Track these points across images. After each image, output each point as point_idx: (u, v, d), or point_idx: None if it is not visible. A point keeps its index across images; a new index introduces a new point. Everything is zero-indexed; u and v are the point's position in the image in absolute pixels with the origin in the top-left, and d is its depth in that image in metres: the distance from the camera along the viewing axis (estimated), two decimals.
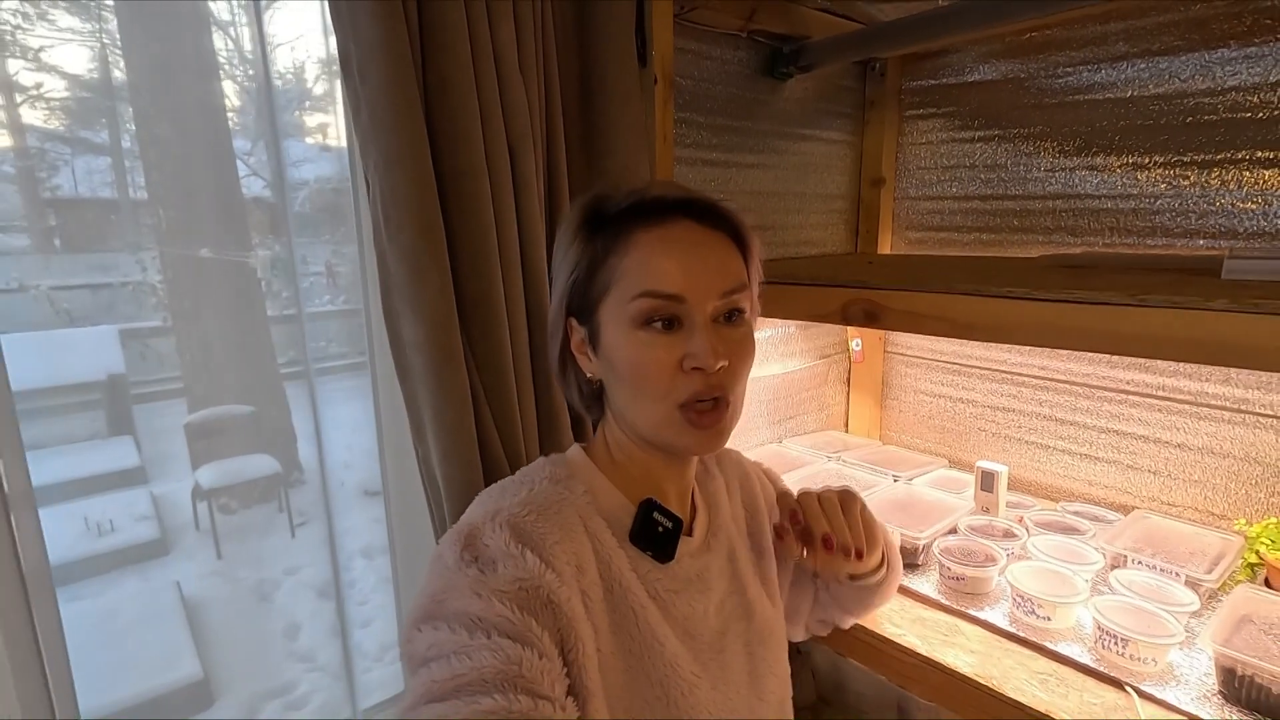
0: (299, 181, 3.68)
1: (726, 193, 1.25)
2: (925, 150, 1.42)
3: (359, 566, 3.11)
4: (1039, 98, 1.24)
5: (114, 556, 2.84)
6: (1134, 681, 0.78)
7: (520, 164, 0.84)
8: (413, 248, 0.75)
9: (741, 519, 0.76)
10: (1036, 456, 1.32)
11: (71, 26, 2.99)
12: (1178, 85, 1.09)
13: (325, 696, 2.46)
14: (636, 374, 0.59)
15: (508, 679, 0.47)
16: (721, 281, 0.60)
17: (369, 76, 0.73)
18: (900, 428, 1.54)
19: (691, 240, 0.60)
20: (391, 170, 0.74)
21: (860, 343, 1.50)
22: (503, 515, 0.57)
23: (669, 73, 1.03)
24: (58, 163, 3.19)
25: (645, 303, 0.58)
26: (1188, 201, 1.10)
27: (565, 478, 0.64)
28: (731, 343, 0.60)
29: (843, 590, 0.78)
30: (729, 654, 0.67)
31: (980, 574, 0.96)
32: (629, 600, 0.60)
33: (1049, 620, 0.87)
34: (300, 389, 3.68)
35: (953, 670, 0.82)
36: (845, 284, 0.88)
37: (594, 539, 0.61)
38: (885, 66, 1.41)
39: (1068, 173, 1.22)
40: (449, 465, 0.80)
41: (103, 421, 3.47)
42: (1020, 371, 1.32)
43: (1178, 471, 1.14)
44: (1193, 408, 1.12)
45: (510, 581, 0.53)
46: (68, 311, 3.41)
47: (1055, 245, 1.25)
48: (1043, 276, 0.86)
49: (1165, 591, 0.89)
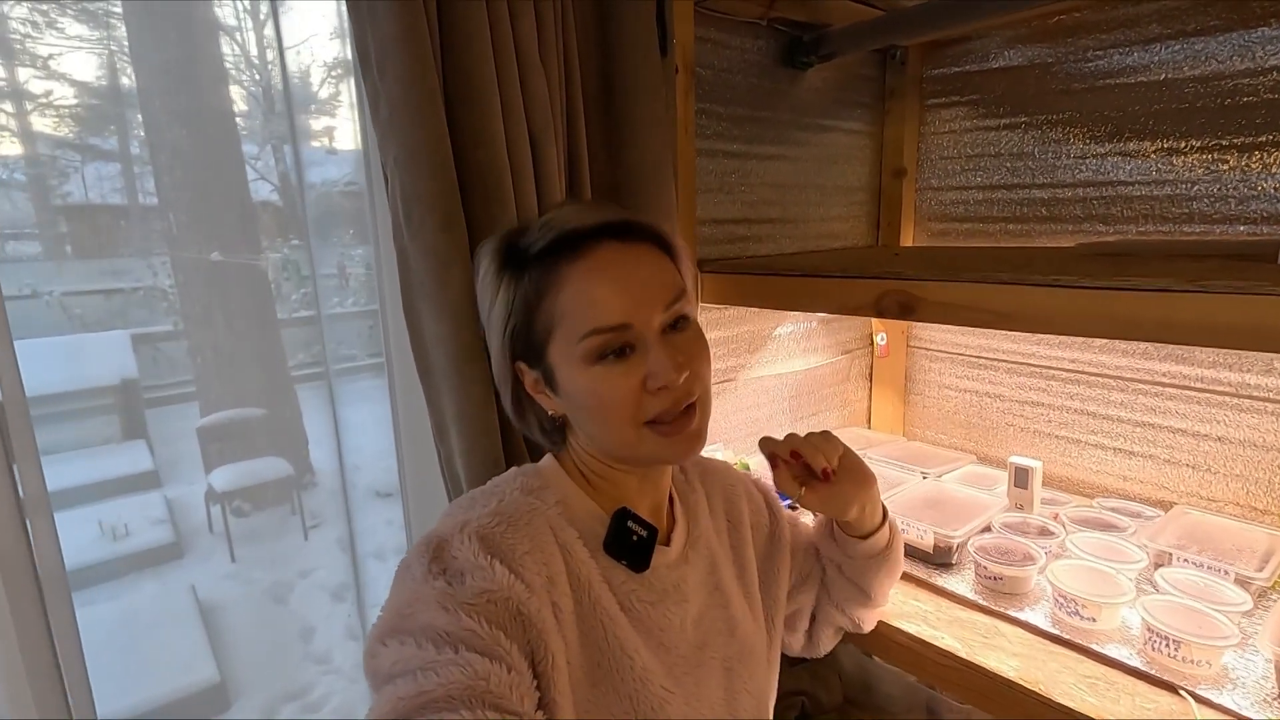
0: (306, 185, 3.68)
1: (748, 185, 1.23)
2: (948, 139, 1.39)
3: (372, 569, 3.11)
4: (1067, 83, 1.21)
5: (129, 560, 2.84)
6: (1188, 685, 0.75)
7: (542, 157, 0.82)
8: (435, 244, 0.73)
9: (724, 531, 0.76)
10: (1068, 451, 1.28)
11: (80, 34, 2.99)
12: (1215, 67, 1.05)
13: (342, 699, 2.45)
14: (601, 405, 0.59)
15: (475, 695, 0.46)
16: (661, 294, 0.60)
17: (388, 71, 0.70)
18: (924, 423, 1.51)
19: (620, 262, 0.60)
20: (412, 165, 0.72)
21: (885, 337, 1.47)
22: (471, 526, 0.57)
23: (690, 62, 1.01)
24: (68, 170, 3.20)
25: (594, 340, 0.58)
26: (1227, 187, 1.06)
27: (538, 488, 0.63)
28: (686, 348, 0.60)
29: (853, 564, 0.77)
30: (706, 669, 0.66)
31: (1019, 573, 0.93)
32: (598, 613, 0.60)
33: (1094, 621, 0.84)
34: (309, 392, 3.68)
35: (996, 674, 0.79)
36: (878, 275, 0.85)
37: (565, 550, 0.60)
38: (906, 55, 1.38)
39: (1099, 159, 1.19)
40: (471, 463, 0.78)
41: (116, 426, 3.49)
42: (1050, 365, 1.29)
43: (1218, 466, 1.11)
44: (1234, 399, 1.08)
45: (478, 594, 0.52)
46: (80, 317, 3.42)
47: (1086, 235, 1.22)
48: (1081, 265, 0.83)
49: (1214, 590, 0.85)
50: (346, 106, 3.66)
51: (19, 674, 0.78)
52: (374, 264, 1.01)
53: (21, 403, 0.75)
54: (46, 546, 0.79)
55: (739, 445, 1.31)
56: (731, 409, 1.28)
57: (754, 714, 0.70)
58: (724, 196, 1.19)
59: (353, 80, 0.85)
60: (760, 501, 0.82)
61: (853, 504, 0.72)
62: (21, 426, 0.75)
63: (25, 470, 0.76)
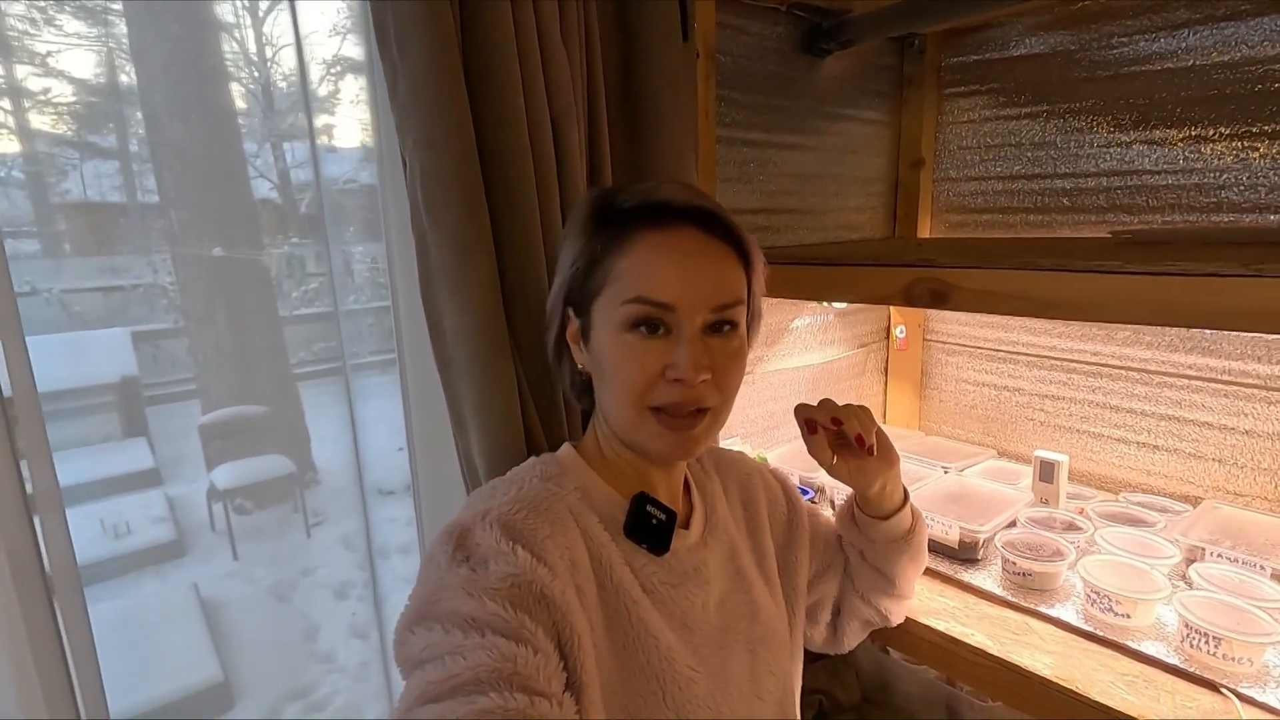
0: (303, 183, 3.67)
1: (767, 175, 1.21)
2: (967, 129, 1.37)
3: (377, 566, 3.09)
4: (1091, 70, 1.18)
5: (131, 558, 2.82)
6: (1228, 683, 0.73)
7: (564, 141, 0.79)
8: (458, 230, 0.70)
9: (741, 519, 0.76)
10: (1090, 446, 1.26)
11: (78, 31, 2.96)
12: (1245, 52, 1.03)
13: (347, 698, 2.43)
14: (618, 375, 0.60)
15: (503, 677, 0.46)
16: (716, 295, 0.59)
17: (409, 47, 0.68)
18: (941, 418, 1.49)
19: (692, 249, 0.60)
20: (434, 148, 0.69)
21: (904, 329, 1.45)
22: (493, 514, 0.57)
23: (711, 48, 0.98)
24: (66, 167, 3.18)
25: (635, 308, 0.58)
26: (1257, 175, 1.04)
27: (556, 475, 0.64)
28: (719, 355, 0.60)
29: (875, 548, 0.77)
30: (729, 651, 0.66)
31: (1049, 569, 0.91)
32: (621, 595, 0.60)
33: (1128, 618, 0.82)
34: (311, 389, 3.66)
35: (1031, 673, 0.77)
36: (910, 263, 0.83)
37: (586, 534, 0.61)
38: (924, 43, 1.36)
39: (1123, 148, 1.16)
40: (492, 455, 0.76)
41: (117, 424, 3.46)
42: (1072, 358, 1.27)
43: (1245, 459, 1.09)
44: (1262, 392, 1.06)
45: (502, 579, 0.52)
46: (80, 315, 3.40)
47: (1111, 225, 1.20)
48: (1119, 252, 0.81)
49: (1251, 586, 0.83)
50: (346, 104, 3.64)
51: (30, 673, 0.76)
52: (386, 259, 0.99)
53: (32, 397, 0.73)
54: (58, 543, 0.77)
55: (756, 439, 1.29)
56: (749, 403, 1.26)
57: (778, 695, 0.70)
58: (743, 186, 1.17)
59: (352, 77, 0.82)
60: (777, 490, 0.82)
61: (877, 479, 0.72)
62: (32, 421, 0.73)
63: (36, 466, 0.74)
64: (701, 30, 0.96)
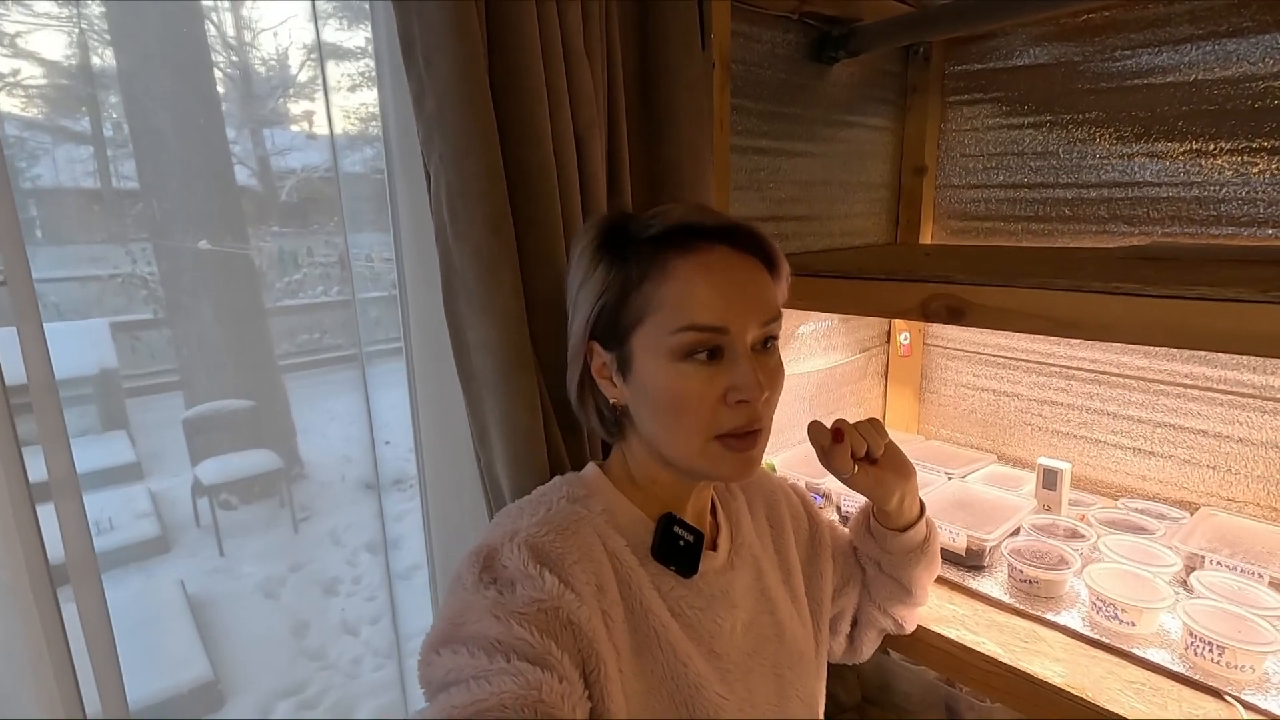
0: (285, 170, 3.61)
1: (776, 182, 1.21)
2: (969, 137, 1.38)
3: (365, 562, 3.07)
4: (1094, 82, 1.20)
5: (115, 555, 2.77)
6: (1231, 690, 0.75)
7: (587, 155, 0.79)
8: (485, 246, 0.70)
9: (766, 535, 0.76)
10: (1086, 451, 1.29)
11: (49, 12, 2.87)
12: (1246, 68, 1.05)
13: (338, 695, 2.42)
14: (676, 406, 0.58)
15: (527, 704, 0.46)
16: (762, 311, 0.59)
17: (436, 62, 0.67)
18: (940, 422, 1.51)
19: (731, 268, 0.59)
20: (461, 163, 0.68)
21: (908, 336, 1.47)
22: (521, 535, 0.57)
23: (726, 57, 0.98)
24: (37, 152, 3.08)
25: (689, 336, 0.57)
26: (1256, 190, 1.06)
27: (583, 496, 0.64)
28: (769, 371, 0.60)
29: (891, 559, 0.78)
30: (757, 675, 0.66)
31: (1054, 576, 0.93)
32: (649, 620, 0.60)
33: (1133, 625, 0.85)
34: (295, 382, 3.61)
35: (1043, 681, 0.79)
36: (925, 279, 0.84)
37: (614, 558, 0.60)
38: (929, 51, 1.37)
39: (1125, 160, 1.18)
40: (517, 472, 0.76)
41: (95, 417, 3.39)
42: (1070, 365, 1.29)
43: (1240, 467, 1.12)
44: (1257, 401, 1.09)
45: (529, 603, 0.52)
46: (55, 305, 3.31)
47: (1110, 236, 1.22)
48: (1128, 269, 0.82)
49: (1250, 594, 0.86)
50: (333, 91, 3.57)
51: (46, 670, 0.75)
52: (393, 250, 0.98)
53: (50, 383, 0.72)
54: (74, 531, 0.76)
55: None
56: None
57: (804, 717, 0.71)
58: (754, 194, 1.17)
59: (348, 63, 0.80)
60: (799, 505, 0.83)
61: (894, 493, 0.73)
62: (49, 407, 0.72)
63: (52, 452, 0.73)
64: (717, 39, 0.96)
